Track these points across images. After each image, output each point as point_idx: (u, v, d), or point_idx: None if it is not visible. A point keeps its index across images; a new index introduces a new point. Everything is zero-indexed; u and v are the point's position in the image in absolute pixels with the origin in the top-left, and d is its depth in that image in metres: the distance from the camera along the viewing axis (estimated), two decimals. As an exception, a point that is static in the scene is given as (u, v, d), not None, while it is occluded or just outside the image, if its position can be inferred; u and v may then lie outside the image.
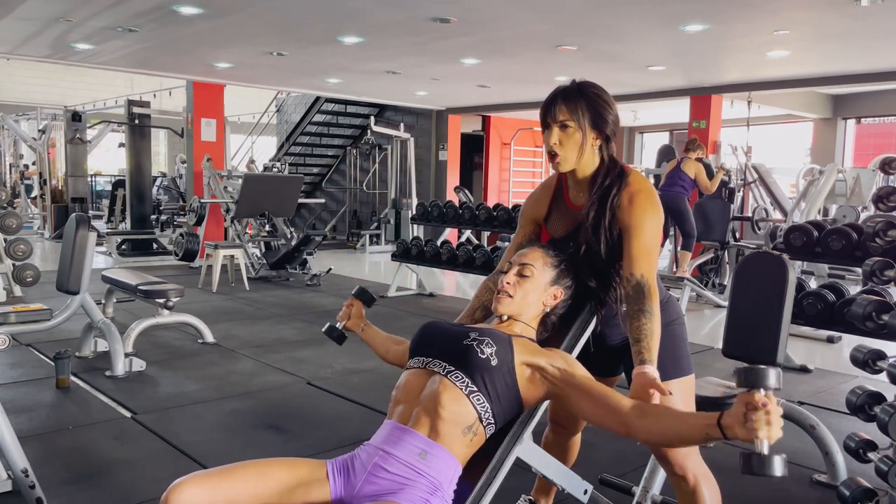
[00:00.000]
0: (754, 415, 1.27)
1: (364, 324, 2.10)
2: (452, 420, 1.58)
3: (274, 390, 4.05)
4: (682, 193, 7.21)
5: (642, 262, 1.78)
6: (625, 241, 1.81)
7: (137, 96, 11.69)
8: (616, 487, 2.70)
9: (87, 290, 3.95)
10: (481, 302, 2.02)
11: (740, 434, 1.29)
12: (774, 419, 1.26)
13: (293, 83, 10.40)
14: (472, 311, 2.02)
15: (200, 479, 1.48)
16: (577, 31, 6.18)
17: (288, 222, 8.73)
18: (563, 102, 1.82)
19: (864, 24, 5.64)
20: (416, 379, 1.68)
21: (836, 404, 3.84)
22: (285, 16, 5.96)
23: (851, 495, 2.28)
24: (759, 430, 1.26)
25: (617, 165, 1.88)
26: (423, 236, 8.16)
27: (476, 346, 1.63)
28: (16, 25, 6.59)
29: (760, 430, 1.26)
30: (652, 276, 1.78)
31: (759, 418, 1.26)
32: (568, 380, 1.64)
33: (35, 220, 13.53)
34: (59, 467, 2.91)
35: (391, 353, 2.02)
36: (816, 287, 3.71)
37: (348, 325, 2.12)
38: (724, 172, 7.66)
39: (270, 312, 6.33)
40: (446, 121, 12.33)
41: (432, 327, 1.79)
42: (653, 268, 1.80)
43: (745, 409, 1.28)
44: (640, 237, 1.79)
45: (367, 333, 2.10)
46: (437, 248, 6.90)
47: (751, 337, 2.68)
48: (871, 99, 11.00)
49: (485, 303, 2.01)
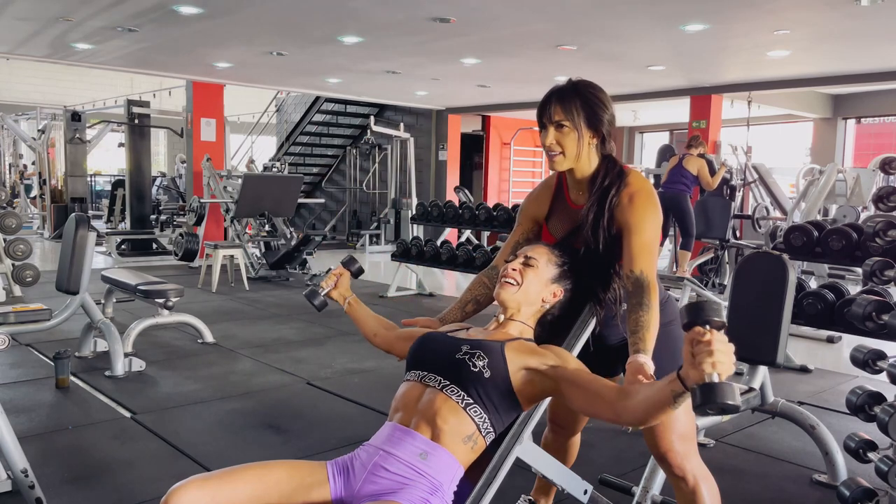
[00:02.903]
0: (697, 348, 1.22)
1: (350, 297, 2.02)
2: (452, 430, 1.59)
3: (274, 390, 4.05)
4: (685, 191, 7.19)
5: (642, 258, 1.78)
6: (624, 240, 1.81)
7: (137, 96, 11.68)
8: (616, 487, 2.70)
9: (87, 290, 3.95)
10: (473, 296, 2.02)
11: (693, 375, 1.23)
12: (718, 350, 1.20)
13: (293, 83, 10.40)
14: (464, 303, 2.01)
15: (200, 482, 1.48)
16: (577, 31, 6.18)
17: (288, 222, 8.73)
18: (558, 102, 1.82)
19: (864, 24, 5.64)
20: (413, 391, 1.68)
21: (836, 404, 3.84)
22: (285, 16, 5.96)
23: (851, 495, 2.28)
24: (703, 363, 1.20)
25: (616, 165, 1.88)
26: (422, 236, 8.15)
27: (468, 360, 1.63)
28: (16, 25, 6.59)
29: (704, 363, 1.20)
30: (652, 272, 1.79)
31: (701, 351, 1.21)
32: (560, 374, 1.63)
33: (35, 220, 13.53)
34: (59, 467, 2.91)
35: (380, 336, 1.99)
36: (816, 287, 3.71)
37: (332, 293, 2.02)
38: (727, 169, 7.66)
39: (270, 312, 6.32)
40: (446, 121, 12.33)
41: (428, 340, 1.78)
42: (653, 265, 1.80)
43: (691, 347, 1.24)
44: (640, 235, 1.79)
45: (353, 308, 2.02)
46: (437, 248, 6.90)
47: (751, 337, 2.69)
48: (871, 99, 11.00)
49: (477, 297, 2.01)
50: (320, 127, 13.64)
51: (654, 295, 1.76)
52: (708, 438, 3.30)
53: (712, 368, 1.19)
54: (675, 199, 7.07)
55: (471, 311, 2.01)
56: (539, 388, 1.67)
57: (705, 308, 1.23)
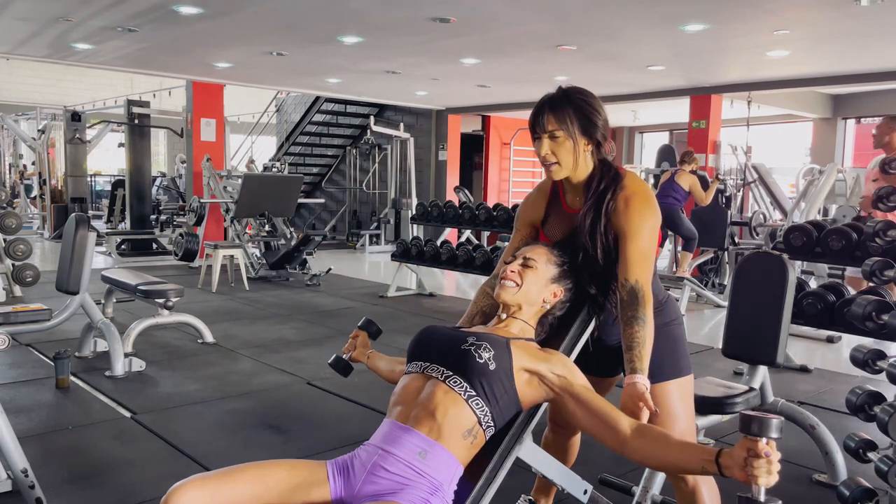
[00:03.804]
0: (756, 462, 1.30)
1: (370, 352, 2.11)
2: (452, 424, 1.58)
3: (274, 390, 4.05)
4: (675, 205, 7.21)
5: (637, 267, 1.78)
6: (620, 246, 1.80)
7: (137, 96, 11.68)
8: (616, 487, 2.70)
9: (87, 290, 3.95)
10: (479, 308, 2.01)
11: (738, 476, 1.33)
12: (774, 468, 1.30)
13: (293, 83, 10.40)
14: (471, 316, 2.00)
15: (200, 481, 1.48)
16: (577, 31, 6.18)
17: (288, 222, 8.73)
18: (550, 112, 1.81)
19: (864, 24, 5.64)
20: (414, 383, 1.68)
21: (836, 404, 3.84)
22: (285, 16, 5.96)
23: (851, 495, 2.28)
24: (760, 476, 1.29)
25: (612, 168, 1.87)
26: (422, 236, 8.15)
27: (474, 351, 1.63)
28: (16, 25, 6.59)
29: (761, 476, 1.29)
30: (647, 281, 1.78)
31: (761, 466, 1.30)
32: (567, 388, 1.65)
33: (35, 220, 13.53)
34: (59, 467, 2.91)
35: (397, 372, 2.00)
36: (816, 287, 3.71)
37: (354, 355, 2.12)
38: (720, 182, 7.66)
39: (270, 312, 6.32)
40: (446, 121, 12.32)
41: (430, 332, 1.78)
42: (648, 273, 1.79)
43: (747, 454, 1.31)
44: (636, 241, 1.78)
45: (372, 361, 2.10)
46: (437, 248, 6.90)
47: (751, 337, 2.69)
48: (871, 99, 10.99)
49: (483, 308, 2.00)
50: (320, 127, 13.64)
51: (649, 307, 1.76)
52: (708, 438, 3.30)
53: (766, 483, 1.30)
54: (667, 212, 7.08)
55: (479, 323, 2.00)
56: (539, 392, 1.67)
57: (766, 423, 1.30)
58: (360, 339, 2.12)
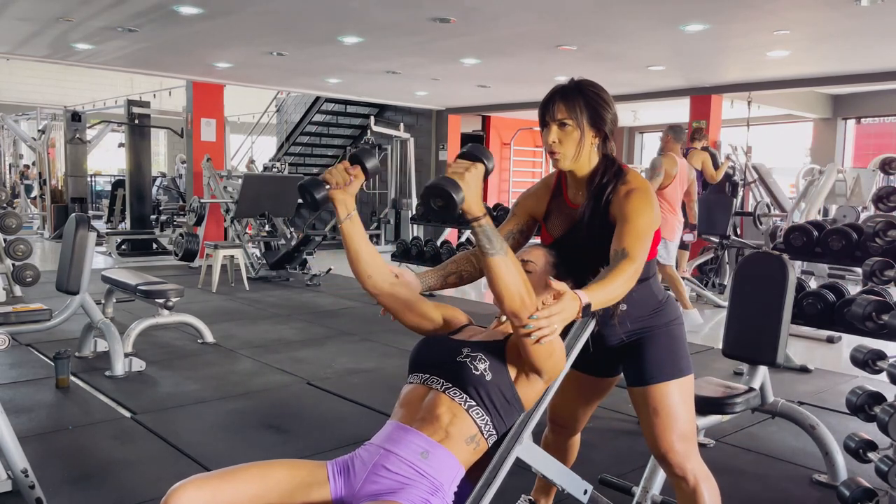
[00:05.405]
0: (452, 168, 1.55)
1: (353, 211, 1.65)
2: (456, 429, 1.59)
3: (274, 390, 4.05)
4: None
5: (629, 238, 1.72)
6: (616, 228, 1.76)
7: (137, 96, 11.69)
8: (616, 487, 2.70)
9: (87, 290, 3.95)
10: (458, 269, 1.99)
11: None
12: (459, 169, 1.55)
13: (293, 83, 10.41)
14: (447, 273, 1.99)
15: (201, 481, 1.48)
16: (577, 31, 6.18)
17: (288, 222, 8.73)
18: (561, 101, 1.82)
19: (864, 24, 5.64)
20: (417, 391, 1.69)
21: (836, 404, 3.84)
22: (285, 16, 5.96)
23: (851, 495, 2.28)
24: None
25: (615, 164, 1.87)
26: (423, 236, 8.15)
27: (469, 363, 1.63)
28: (16, 25, 6.59)
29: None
30: (637, 251, 1.71)
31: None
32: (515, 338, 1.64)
33: (35, 220, 13.52)
34: (59, 467, 2.91)
35: (374, 277, 1.74)
36: (816, 287, 3.71)
37: (335, 194, 1.62)
38: (731, 163, 7.65)
39: (270, 312, 6.32)
40: (446, 121, 12.33)
41: (428, 343, 1.78)
42: (640, 246, 1.72)
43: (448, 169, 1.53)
44: (632, 222, 1.74)
45: (351, 225, 1.65)
46: (437, 248, 6.90)
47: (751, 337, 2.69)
48: (871, 99, 11.00)
49: (462, 272, 1.99)
50: (320, 127, 13.64)
51: (631, 266, 1.68)
52: (708, 438, 3.30)
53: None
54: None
55: (452, 283, 1.99)
56: (538, 386, 1.68)
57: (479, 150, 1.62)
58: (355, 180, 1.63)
